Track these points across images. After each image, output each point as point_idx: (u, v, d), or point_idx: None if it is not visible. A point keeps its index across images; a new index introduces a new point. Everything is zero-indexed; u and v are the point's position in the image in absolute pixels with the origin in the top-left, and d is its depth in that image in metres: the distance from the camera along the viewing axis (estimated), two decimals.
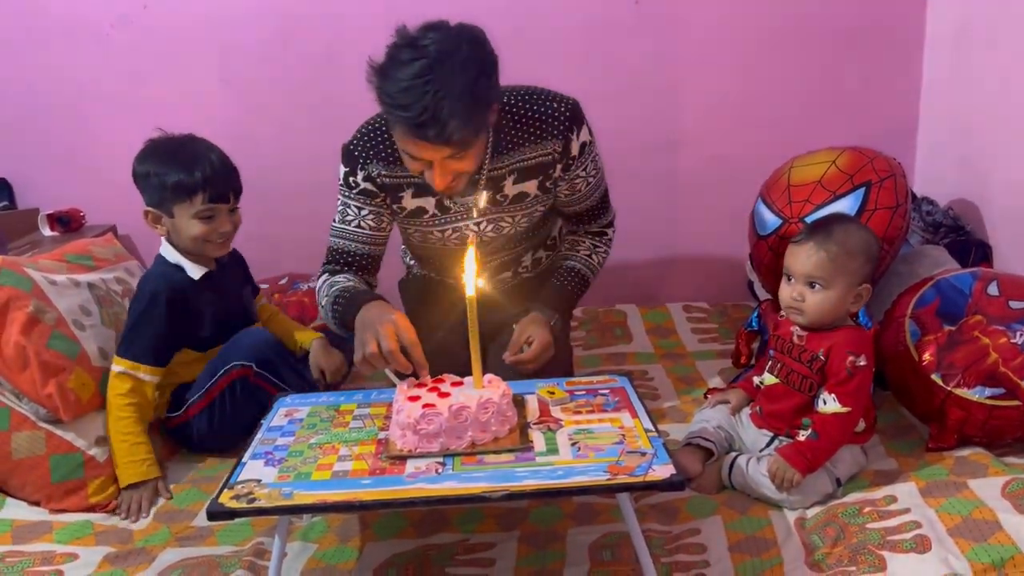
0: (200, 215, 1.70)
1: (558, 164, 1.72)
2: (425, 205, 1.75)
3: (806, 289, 1.52)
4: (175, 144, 1.72)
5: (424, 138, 1.45)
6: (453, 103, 1.41)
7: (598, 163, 1.80)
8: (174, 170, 1.67)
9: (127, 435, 1.68)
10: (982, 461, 1.55)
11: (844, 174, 1.88)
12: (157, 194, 1.70)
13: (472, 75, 1.44)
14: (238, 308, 1.87)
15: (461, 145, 1.48)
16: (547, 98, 1.69)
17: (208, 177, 1.68)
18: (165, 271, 1.75)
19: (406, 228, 1.83)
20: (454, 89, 1.41)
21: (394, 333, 1.46)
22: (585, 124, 1.72)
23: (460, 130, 1.44)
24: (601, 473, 1.26)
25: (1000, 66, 2.10)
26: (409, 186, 1.73)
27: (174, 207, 1.70)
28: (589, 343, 2.32)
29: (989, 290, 1.68)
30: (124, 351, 1.70)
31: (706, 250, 2.60)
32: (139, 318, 1.72)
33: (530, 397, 1.53)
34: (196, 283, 1.74)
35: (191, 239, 1.72)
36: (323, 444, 1.40)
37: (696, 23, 2.40)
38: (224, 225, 1.74)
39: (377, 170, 1.71)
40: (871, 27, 2.41)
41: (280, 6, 2.35)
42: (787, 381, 1.57)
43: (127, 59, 2.38)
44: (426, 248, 1.87)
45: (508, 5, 2.06)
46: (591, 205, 1.84)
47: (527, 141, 1.69)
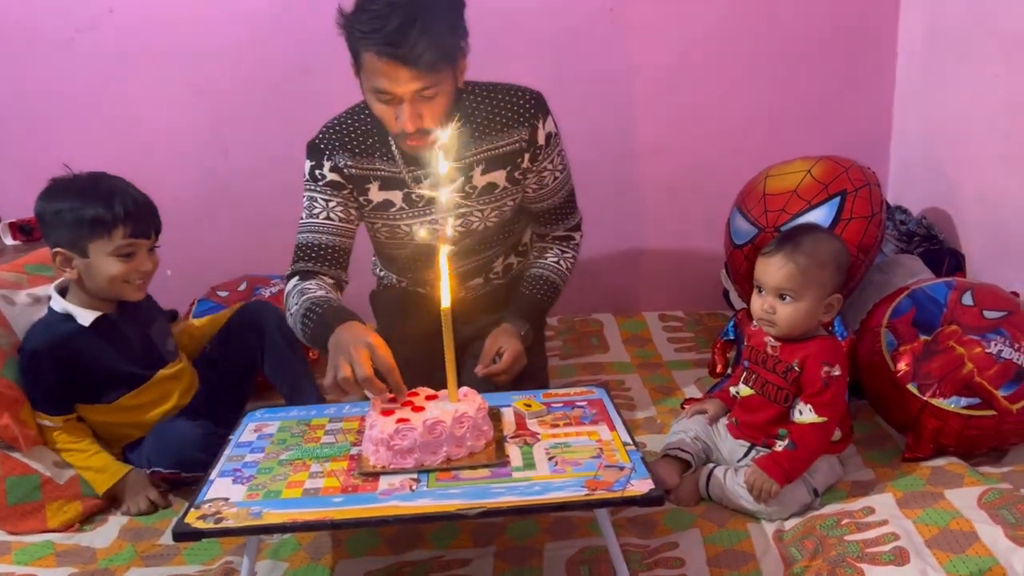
0: (120, 251, 1.59)
1: (526, 153, 1.72)
2: (392, 198, 1.73)
3: (777, 301, 1.52)
4: (88, 180, 1.61)
5: (395, 57, 1.46)
6: (424, 23, 1.45)
7: (564, 159, 1.80)
8: (91, 204, 1.56)
9: (79, 457, 1.65)
10: (958, 471, 1.55)
11: (819, 183, 1.89)
12: (70, 231, 1.57)
13: (444, 4, 1.50)
14: (147, 350, 1.71)
15: (430, 69, 1.48)
16: (512, 88, 1.72)
17: (129, 210, 1.57)
18: (49, 323, 1.64)
19: (373, 223, 1.80)
20: (426, 12, 1.46)
21: (369, 358, 1.39)
22: (550, 115, 1.74)
23: (430, 50, 1.46)
24: (579, 488, 1.24)
25: (970, 78, 2.12)
26: (376, 178, 1.72)
27: (90, 244, 1.58)
28: (566, 352, 2.31)
29: (964, 300, 1.69)
30: (32, 404, 1.64)
31: (682, 259, 2.59)
32: (25, 378, 1.63)
33: (506, 410, 1.51)
34: (86, 331, 1.63)
35: (108, 280, 1.60)
36: (294, 460, 1.37)
37: (670, 33, 2.40)
38: (144, 264, 1.63)
39: (344, 161, 1.70)
40: (844, 38, 2.43)
41: (250, 10, 2.31)
42: (762, 392, 1.57)
43: (92, 65, 2.32)
44: (394, 247, 1.85)
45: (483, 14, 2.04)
46: (558, 203, 1.84)
47: (494, 130, 1.70)
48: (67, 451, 1.65)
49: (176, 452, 1.61)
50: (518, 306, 1.82)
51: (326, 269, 1.72)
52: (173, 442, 1.62)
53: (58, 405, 1.64)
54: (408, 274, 1.92)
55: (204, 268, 2.31)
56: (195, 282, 2.27)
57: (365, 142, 1.70)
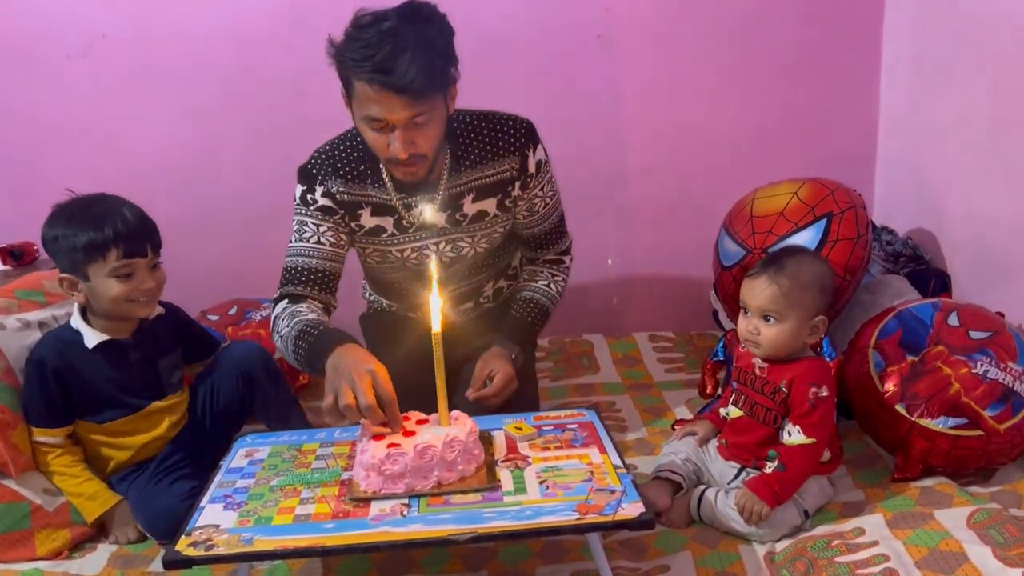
0: (116, 273, 1.58)
1: (516, 181, 1.74)
2: (383, 223, 1.74)
3: (761, 322, 1.53)
4: (83, 203, 1.61)
5: (387, 85, 1.47)
6: (415, 51, 1.47)
7: (554, 185, 1.82)
8: (83, 229, 1.56)
9: (71, 483, 1.64)
10: (947, 491, 1.56)
11: (806, 205, 1.91)
12: (69, 258, 1.58)
13: (433, 32, 1.52)
14: (148, 381, 1.69)
15: (421, 96, 1.49)
16: (502, 118, 1.73)
17: (120, 232, 1.57)
18: (61, 335, 1.65)
19: (364, 248, 1.81)
20: (416, 40, 1.48)
21: (371, 386, 1.38)
22: (540, 144, 1.76)
23: (420, 77, 1.47)
24: (570, 512, 1.24)
25: (953, 100, 2.15)
26: (367, 204, 1.73)
27: (89, 268, 1.58)
28: (556, 374, 2.31)
29: (949, 320, 1.70)
30: (28, 418, 1.63)
31: (672, 279, 2.61)
32: (26, 384, 1.64)
33: (497, 433, 1.51)
34: (90, 352, 1.63)
35: (111, 301, 1.59)
36: (284, 486, 1.37)
37: (657, 58, 2.43)
38: (145, 282, 1.61)
39: (336, 187, 1.71)
40: (829, 60, 2.46)
41: (242, 33, 2.32)
42: (751, 413, 1.57)
43: (84, 89, 2.33)
44: (385, 272, 1.85)
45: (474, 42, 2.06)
46: (548, 228, 1.86)
47: (485, 159, 1.71)
48: (60, 475, 1.64)
49: (154, 520, 1.59)
50: (509, 329, 1.83)
51: (315, 293, 1.72)
52: (158, 511, 1.60)
53: (58, 416, 1.64)
54: (398, 299, 1.92)
55: (195, 292, 2.30)
56: (186, 306, 2.24)
57: (357, 168, 1.71)
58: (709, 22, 2.41)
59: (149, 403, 1.69)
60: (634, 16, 2.39)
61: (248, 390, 1.73)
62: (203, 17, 2.31)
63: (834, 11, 2.43)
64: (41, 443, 1.64)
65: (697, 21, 2.41)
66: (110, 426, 1.67)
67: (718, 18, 2.41)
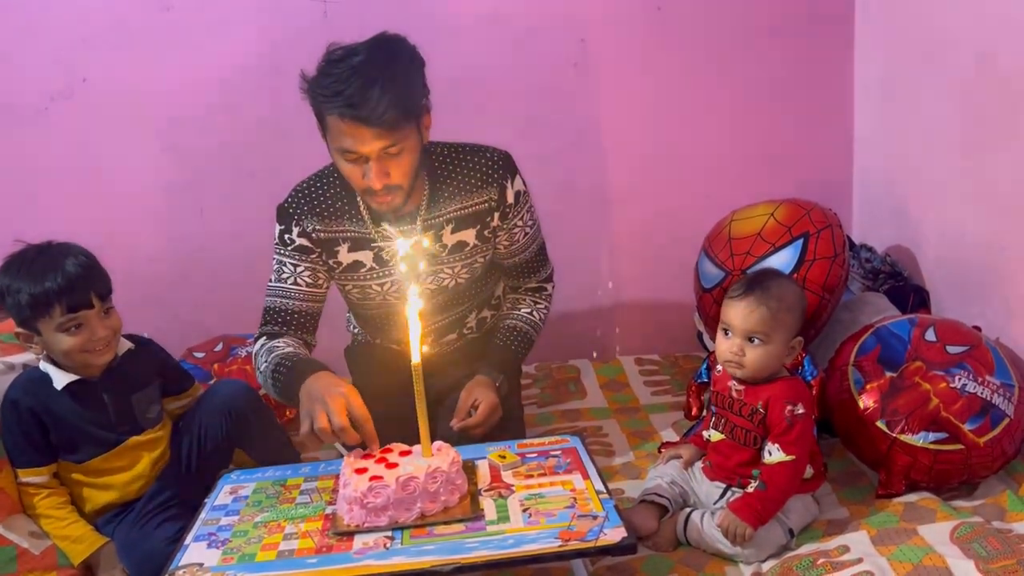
0: (64, 328, 1.56)
1: (495, 212, 1.76)
2: (362, 258, 1.76)
3: (745, 343, 1.55)
4: (28, 256, 1.59)
5: (357, 118, 1.50)
6: (384, 84, 1.51)
7: (534, 214, 1.85)
8: (26, 285, 1.55)
9: (58, 525, 1.63)
10: (930, 506, 1.57)
11: (782, 226, 1.93)
12: (18, 313, 1.56)
13: (403, 64, 1.57)
14: (122, 416, 1.67)
15: (392, 127, 1.53)
16: (480, 149, 1.77)
17: (61, 286, 1.54)
18: (31, 376, 1.65)
19: (344, 284, 1.82)
20: (385, 73, 1.52)
21: (344, 408, 1.43)
22: (518, 175, 1.79)
23: (391, 109, 1.50)
24: (552, 539, 1.25)
25: (922, 121, 2.19)
26: (345, 240, 1.75)
27: (38, 324, 1.56)
28: (543, 400, 2.32)
29: (927, 336, 1.72)
30: (12, 461, 1.63)
31: (655, 302, 2.62)
32: (6, 429, 1.63)
33: (481, 462, 1.52)
34: (59, 393, 1.62)
35: (64, 354, 1.58)
36: (269, 522, 1.37)
37: (633, 84, 2.46)
38: (97, 331, 1.58)
39: (312, 225, 1.73)
40: (802, 83, 2.50)
41: (221, 75, 2.35)
42: (732, 436, 1.59)
43: (67, 132, 2.35)
44: (366, 307, 1.87)
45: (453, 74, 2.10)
46: (529, 257, 1.87)
47: (463, 191, 1.74)
48: (47, 517, 1.64)
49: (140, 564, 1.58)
50: (492, 358, 1.84)
51: (293, 332, 1.75)
52: (144, 554, 1.58)
53: (41, 454, 1.64)
54: (381, 333, 1.93)
55: (180, 329, 2.31)
56: (171, 344, 2.25)
57: (334, 204, 1.73)
58: (683, 50, 2.45)
59: (126, 438, 1.68)
60: (609, 46, 2.43)
61: (236, 428, 1.72)
62: (185, 58, 2.34)
63: (806, 36, 2.47)
64: (27, 484, 1.64)
65: (671, 50, 2.45)
66: (89, 465, 1.66)
67: (692, 46, 2.45)
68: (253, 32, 2.34)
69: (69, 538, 1.62)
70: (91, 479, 1.68)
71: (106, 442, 1.67)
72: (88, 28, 2.30)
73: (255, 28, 2.34)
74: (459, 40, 2.37)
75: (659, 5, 2.41)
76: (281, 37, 1.94)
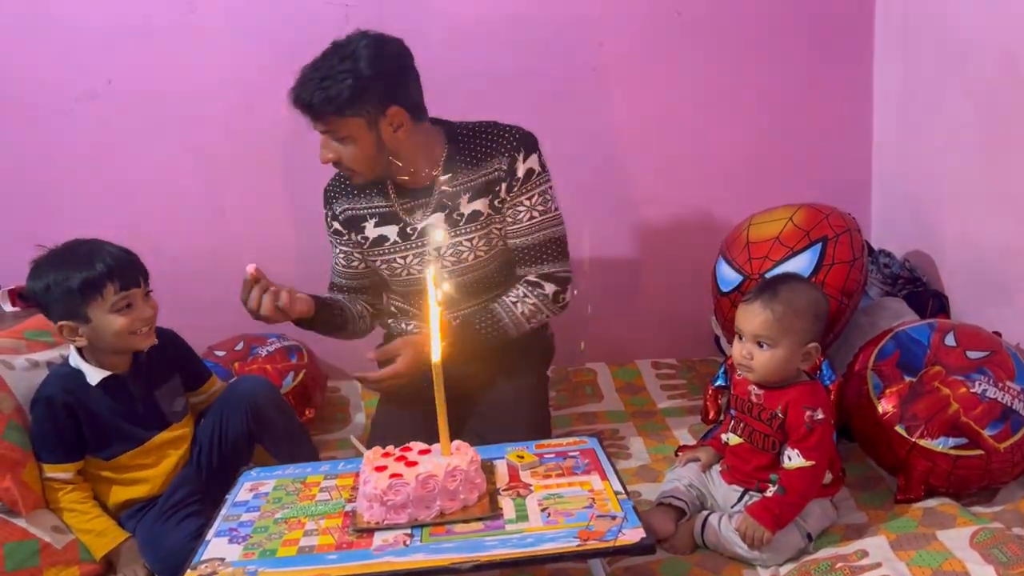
0: (116, 307, 1.60)
1: (503, 183, 1.80)
2: (387, 233, 1.86)
3: (755, 347, 1.55)
4: (65, 250, 1.64)
5: (296, 103, 1.69)
6: (326, 76, 1.66)
7: (548, 203, 1.84)
8: (75, 271, 1.58)
9: (81, 519, 1.65)
10: (950, 511, 1.56)
11: (801, 230, 1.93)
12: (65, 303, 1.59)
13: (361, 58, 1.67)
14: (149, 411, 1.71)
15: (320, 116, 1.69)
16: (502, 125, 1.84)
17: (112, 266, 1.60)
18: (65, 373, 1.68)
19: (373, 261, 1.91)
20: (334, 66, 1.67)
21: None
22: (536, 154, 1.82)
23: (321, 101, 1.66)
24: (571, 539, 1.25)
25: (943, 124, 2.18)
26: (372, 216, 1.87)
27: (87, 309, 1.59)
28: (560, 403, 2.32)
29: (947, 341, 1.72)
30: (39, 456, 1.65)
31: (672, 305, 2.62)
32: (36, 423, 1.66)
33: (499, 462, 1.52)
34: (94, 388, 1.65)
35: (115, 336, 1.61)
36: (289, 518, 1.38)
37: (652, 88, 2.46)
38: (144, 311, 1.64)
39: (341, 207, 1.90)
40: (822, 89, 2.49)
41: (243, 77, 2.37)
42: (750, 440, 1.59)
43: (91, 133, 2.38)
44: (396, 284, 1.93)
45: (471, 74, 2.12)
46: (532, 244, 1.84)
47: (479, 160, 1.81)
48: (70, 511, 1.66)
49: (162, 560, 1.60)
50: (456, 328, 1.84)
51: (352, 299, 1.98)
52: (165, 550, 1.60)
53: (70, 451, 1.66)
54: (415, 311, 1.94)
55: (201, 328, 2.31)
56: (192, 342, 2.27)
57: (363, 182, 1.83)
58: (702, 54, 2.45)
59: (155, 434, 1.70)
60: (628, 50, 2.44)
61: (257, 424, 1.74)
62: (208, 61, 2.36)
63: (825, 40, 2.47)
64: (52, 479, 1.66)
65: (690, 54, 2.45)
66: (117, 461, 1.69)
67: (711, 50, 2.45)
68: (276, 34, 2.36)
69: (92, 532, 1.64)
70: (117, 475, 1.70)
71: (136, 438, 1.69)
72: (113, 30, 2.33)
73: (278, 30, 2.36)
74: (478, 43, 2.38)
75: (679, 10, 2.41)
76: (303, 39, 1.95)
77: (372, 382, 1.83)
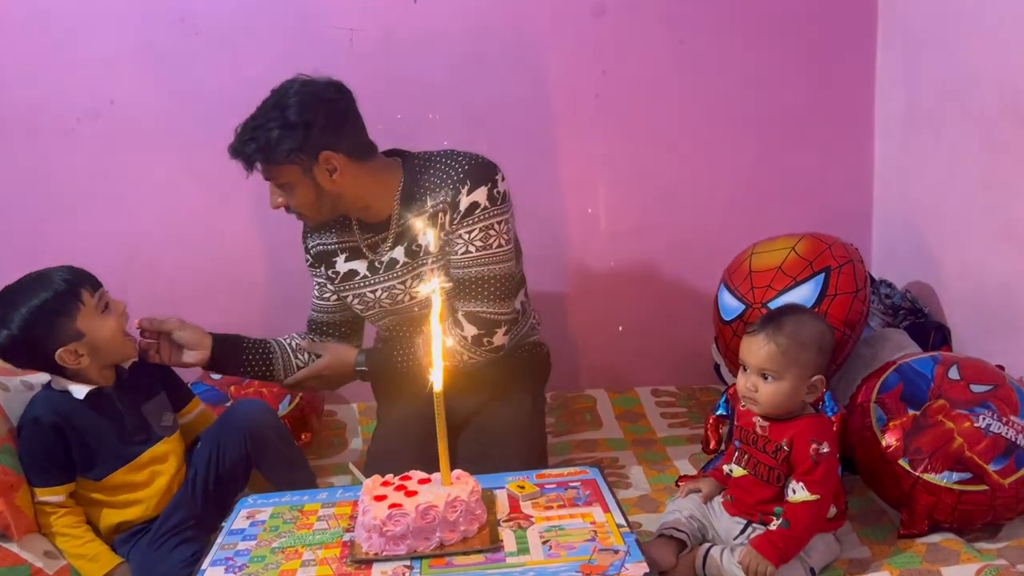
0: (99, 307, 1.62)
1: (446, 216, 1.75)
2: (357, 267, 1.86)
3: (759, 380, 1.53)
4: (19, 284, 1.61)
5: (232, 154, 1.71)
6: (254, 129, 1.68)
7: (490, 238, 1.74)
8: (42, 294, 1.57)
9: (74, 544, 1.63)
10: (954, 548, 1.55)
11: (804, 260, 1.92)
12: (51, 330, 1.57)
13: (280, 112, 1.67)
14: (137, 426, 1.70)
15: (250, 164, 1.71)
16: (456, 155, 1.80)
17: (73, 276, 1.60)
18: (49, 395, 1.66)
19: (345, 296, 1.89)
20: (264, 116, 1.69)
21: None
22: (485, 186, 1.73)
23: (252, 152, 1.68)
24: (573, 573, 1.24)
25: (944, 155, 2.19)
26: (343, 251, 1.87)
27: (77, 323, 1.58)
28: (559, 429, 2.31)
29: (950, 374, 1.71)
30: (30, 480, 1.63)
31: (673, 333, 2.61)
32: (25, 446, 1.64)
33: (500, 492, 1.50)
34: (81, 404, 1.63)
35: (112, 337, 1.62)
36: (286, 548, 1.36)
37: (654, 115, 2.47)
38: (118, 305, 1.66)
39: (314, 242, 1.91)
40: (824, 118, 2.51)
41: (244, 100, 2.36)
42: (755, 472, 1.57)
43: (93, 153, 2.38)
44: (371, 318, 1.92)
45: (475, 101, 2.13)
46: (463, 279, 1.76)
47: (431, 191, 1.77)
48: (63, 536, 1.63)
49: None
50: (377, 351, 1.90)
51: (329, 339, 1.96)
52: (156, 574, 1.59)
53: (61, 473, 1.64)
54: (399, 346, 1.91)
55: None
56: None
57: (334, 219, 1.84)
58: (704, 80, 2.46)
59: (144, 449, 1.69)
60: (630, 77, 2.45)
61: (255, 448, 1.72)
62: (208, 82, 2.37)
63: (827, 70, 2.49)
64: (44, 503, 1.63)
65: (692, 79, 2.46)
66: (108, 481, 1.67)
67: (713, 78, 2.46)
68: (279, 57, 2.34)
69: (85, 557, 1.62)
70: (110, 497, 1.68)
71: (125, 455, 1.67)
72: (116, 50, 2.33)
73: (281, 53, 2.36)
74: (482, 70, 2.39)
75: (682, 39, 2.42)
76: (307, 62, 1.96)
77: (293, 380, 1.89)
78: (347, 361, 1.87)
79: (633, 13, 2.40)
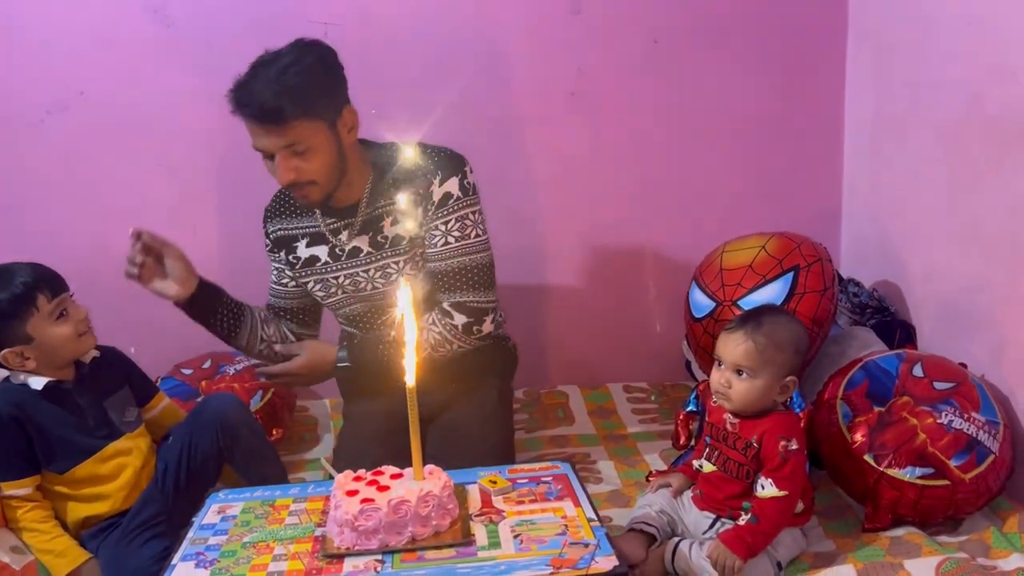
0: (54, 314, 1.60)
1: (420, 207, 1.76)
2: (318, 253, 1.84)
3: (733, 376, 1.56)
4: None
5: (248, 116, 1.60)
6: (272, 83, 1.58)
7: (467, 228, 1.77)
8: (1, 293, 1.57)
9: (42, 539, 1.61)
10: (916, 541, 1.58)
11: (773, 259, 1.95)
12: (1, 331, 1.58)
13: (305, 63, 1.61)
14: (100, 421, 1.69)
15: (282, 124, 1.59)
16: (430, 147, 1.80)
17: (35, 278, 1.59)
18: (8, 388, 1.65)
19: (307, 283, 1.88)
20: (277, 71, 1.59)
21: None
22: (456, 177, 1.76)
23: (279, 107, 1.57)
24: (544, 567, 1.25)
25: (911, 159, 2.23)
26: (304, 236, 1.86)
27: (27, 327, 1.58)
28: (531, 425, 2.32)
29: (914, 371, 1.74)
30: None
31: (644, 330, 2.63)
32: None
33: (472, 487, 1.51)
34: (39, 396, 1.62)
35: (63, 345, 1.62)
36: (257, 542, 1.36)
37: (627, 114, 2.49)
38: (79, 312, 1.65)
39: (274, 227, 1.89)
40: (795, 120, 2.53)
41: (218, 91, 2.34)
42: (724, 468, 1.59)
43: (62, 146, 2.34)
44: (333, 305, 1.90)
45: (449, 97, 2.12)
46: (447, 270, 1.78)
47: (402, 182, 1.77)
48: (31, 531, 1.62)
49: None
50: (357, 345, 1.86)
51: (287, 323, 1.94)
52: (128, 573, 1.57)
53: (25, 465, 1.62)
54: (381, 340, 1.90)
55: (168, 346, 2.29)
56: (159, 360, 2.25)
57: (295, 203, 1.83)
58: (677, 80, 2.48)
59: (105, 443, 1.68)
60: (604, 76, 2.46)
61: (227, 442, 1.71)
62: (180, 74, 2.34)
63: (799, 73, 2.51)
64: (11, 497, 1.62)
65: (665, 79, 2.48)
66: (72, 474, 1.65)
67: (685, 77, 2.48)
68: (253, 50, 2.32)
69: (52, 552, 1.60)
70: (75, 491, 1.66)
71: (87, 449, 1.66)
72: (86, 42, 2.30)
73: (255, 46, 2.31)
74: (457, 66, 2.39)
75: (656, 38, 2.44)
76: None
77: (268, 375, 1.88)
78: (327, 359, 1.85)
79: (608, 12, 2.42)
